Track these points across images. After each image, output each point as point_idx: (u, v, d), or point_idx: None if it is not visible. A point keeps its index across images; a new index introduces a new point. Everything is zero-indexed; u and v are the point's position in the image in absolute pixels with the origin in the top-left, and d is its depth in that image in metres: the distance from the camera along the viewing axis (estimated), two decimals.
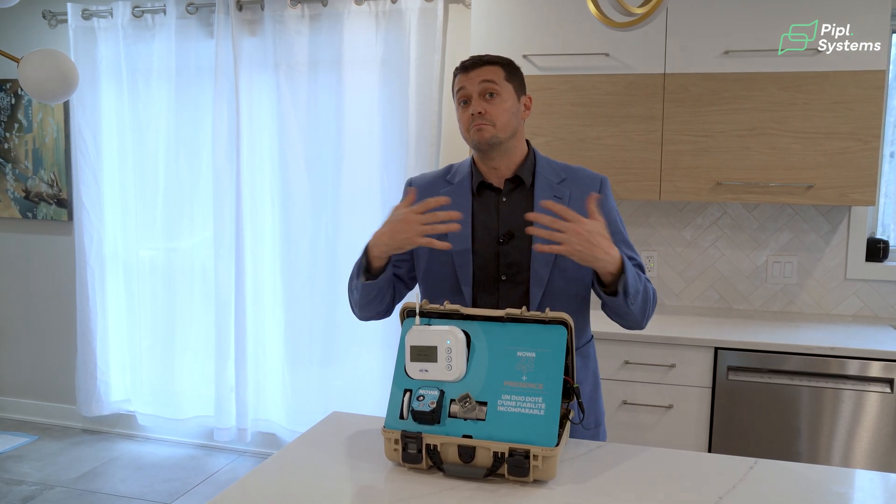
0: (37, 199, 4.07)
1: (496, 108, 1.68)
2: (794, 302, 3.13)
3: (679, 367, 2.68)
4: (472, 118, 1.68)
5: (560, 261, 1.69)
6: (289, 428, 3.71)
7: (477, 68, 1.70)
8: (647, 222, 3.24)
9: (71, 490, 3.39)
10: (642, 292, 1.64)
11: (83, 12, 3.76)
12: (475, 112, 1.68)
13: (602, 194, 1.75)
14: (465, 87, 1.70)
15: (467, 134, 1.72)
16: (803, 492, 1.40)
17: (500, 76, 1.70)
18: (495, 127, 1.68)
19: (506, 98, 1.70)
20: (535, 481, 1.40)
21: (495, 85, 1.69)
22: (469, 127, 1.70)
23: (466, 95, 1.70)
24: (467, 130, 1.71)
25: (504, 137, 1.70)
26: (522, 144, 1.78)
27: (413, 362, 1.48)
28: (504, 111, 1.69)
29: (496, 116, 1.68)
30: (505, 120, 1.69)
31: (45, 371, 4.22)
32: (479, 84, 1.69)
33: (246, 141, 3.62)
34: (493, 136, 1.68)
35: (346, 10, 3.41)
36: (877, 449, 2.54)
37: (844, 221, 3.05)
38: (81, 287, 3.92)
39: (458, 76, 1.73)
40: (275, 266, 3.70)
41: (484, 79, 1.69)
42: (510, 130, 1.71)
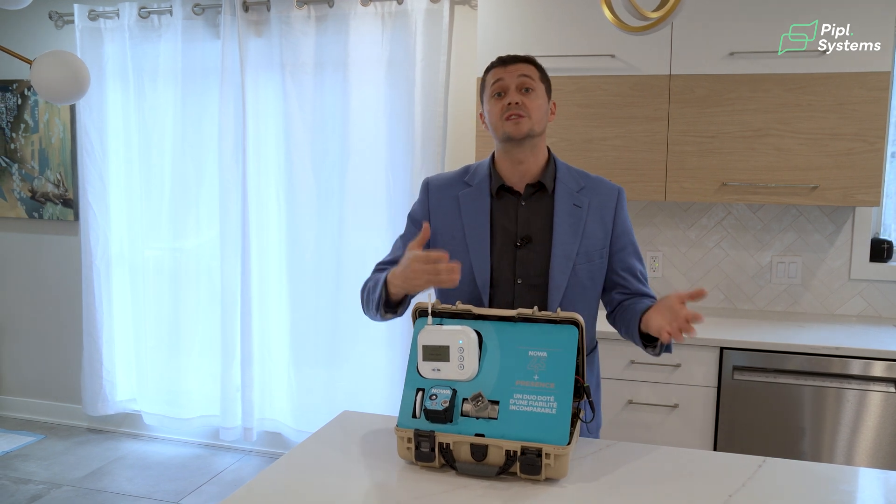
0: (43, 200, 4.08)
1: (532, 101, 1.70)
2: (799, 302, 3.14)
3: (685, 366, 2.70)
4: (507, 108, 1.68)
5: (577, 268, 1.72)
6: (294, 427, 3.73)
7: (515, 63, 1.73)
8: (652, 222, 3.25)
9: (78, 489, 3.41)
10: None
11: (90, 13, 3.77)
12: (512, 102, 1.68)
13: (619, 205, 1.79)
14: (504, 78, 1.71)
15: (500, 124, 1.71)
16: (811, 490, 1.41)
17: (535, 74, 1.73)
18: (531, 119, 1.69)
19: (539, 95, 1.73)
20: (547, 479, 1.41)
21: (532, 81, 1.71)
22: (502, 117, 1.70)
23: (504, 87, 1.71)
24: (500, 121, 1.70)
25: (538, 131, 1.72)
26: (545, 146, 1.80)
27: (425, 361, 1.49)
28: (539, 106, 1.72)
29: (532, 109, 1.70)
30: (540, 115, 1.72)
31: (50, 370, 4.24)
32: (518, 77, 1.70)
33: (252, 141, 3.63)
34: (530, 129, 1.69)
35: (353, 11, 3.42)
36: (881, 448, 2.56)
37: (849, 222, 3.07)
38: (87, 287, 3.93)
39: (494, 69, 1.74)
40: (280, 266, 3.71)
41: (522, 73, 1.71)
42: (542, 126, 1.74)
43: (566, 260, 1.70)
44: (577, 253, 1.71)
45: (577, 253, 1.71)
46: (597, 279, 1.76)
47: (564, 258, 1.70)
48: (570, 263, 1.70)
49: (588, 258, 1.73)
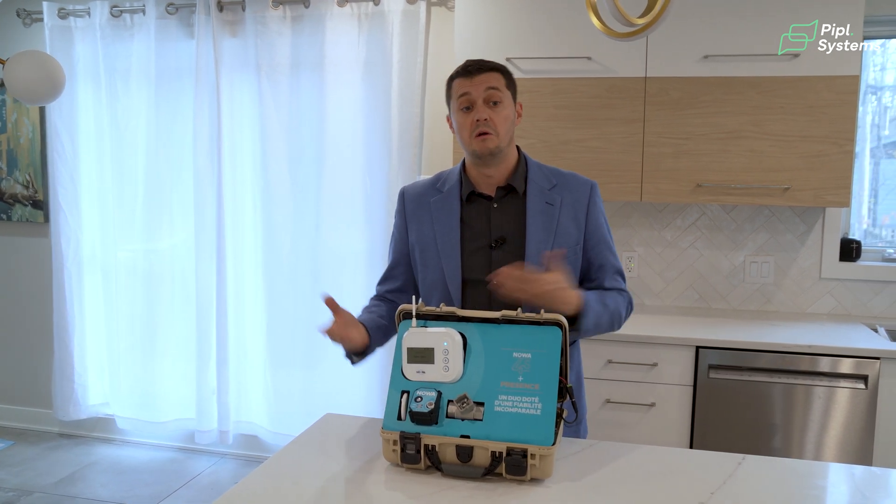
0: (11, 201, 4.01)
1: (499, 115, 1.69)
2: (771, 301, 3.20)
3: (661, 365, 2.73)
4: (476, 125, 1.68)
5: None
6: (271, 430, 3.70)
7: (482, 73, 1.69)
8: (628, 223, 3.29)
9: (50, 495, 3.35)
10: (607, 320, 1.71)
11: (59, 11, 3.71)
12: (481, 118, 1.67)
13: (592, 200, 1.79)
14: (470, 92, 1.69)
15: (469, 141, 1.70)
16: (788, 485, 1.44)
17: (501, 83, 1.71)
18: (498, 136, 1.69)
19: (506, 105, 1.71)
20: (533, 480, 1.42)
21: (499, 92, 1.70)
22: (471, 134, 1.69)
23: (471, 101, 1.69)
24: (469, 137, 1.70)
25: (504, 146, 1.72)
26: (514, 150, 1.80)
27: (410, 364, 1.49)
28: (504, 119, 1.71)
29: (498, 124, 1.69)
30: (505, 128, 1.71)
31: (20, 375, 4.16)
32: (485, 91, 1.68)
33: (227, 142, 3.60)
34: (496, 146, 1.70)
35: (329, 12, 3.41)
36: (849, 442, 2.62)
37: (819, 222, 3.13)
38: (58, 289, 3.87)
39: (460, 80, 1.71)
40: (256, 267, 3.68)
41: (489, 85, 1.69)
42: (509, 137, 1.74)
43: (541, 259, 1.71)
44: (551, 251, 1.72)
45: (551, 251, 1.72)
46: (573, 275, 1.77)
47: (539, 257, 1.71)
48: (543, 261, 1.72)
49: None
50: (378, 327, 1.75)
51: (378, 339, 1.75)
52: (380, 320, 1.78)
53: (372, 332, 1.71)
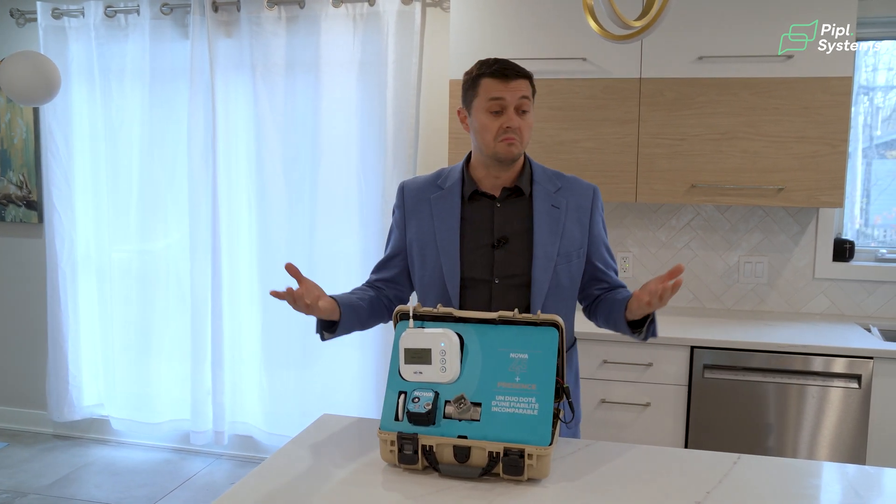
0: (5, 202, 3.99)
1: (526, 124, 1.72)
2: (765, 301, 3.21)
3: (656, 365, 2.74)
4: (505, 131, 1.69)
5: (557, 268, 1.75)
6: (266, 430, 3.70)
7: (517, 80, 1.70)
8: (623, 224, 3.30)
9: (45, 497, 3.34)
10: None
11: (53, 11, 3.70)
12: (512, 125, 1.69)
13: (595, 205, 1.83)
14: (505, 98, 1.68)
15: (493, 144, 1.71)
16: (783, 484, 1.45)
17: (530, 92, 1.73)
18: (521, 143, 1.72)
19: (531, 114, 1.75)
20: (530, 480, 1.43)
21: (529, 101, 1.72)
22: (497, 137, 1.70)
23: (503, 106, 1.69)
24: (494, 141, 1.70)
25: (523, 151, 1.76)
26: None
27: (407, 364, 1.50)
28: (529, 127, 1.74)
29: (524, 132, 1.72)
30: (528, 136, 1.74)
31: (14, 376, 4.14)
32: (519, 98, 1.70)
33: (222, 142, 3.60)
34: (519, 153, 1.73)
35: (324, 13, 3.41)
36: (842, 441, 2.63)
37: (812, 223, 3.15)
38: (52, 290, 3.86)
39: (493, 82, 1.69)
40: (251, 267, 3.68)
41: (523, 94, 1.70)
42: (527, 145, 1.77)
43: (547, 260, 1.73)
44: (557, 253, 1.74)
45: (557, 253, 1.74)
46: (575, 278, 1.80)
47: (546, 258, 1.73)
48: (551, 264, 1.73)
49: (567, 259, 1.76)
50: (352, 305, 1.73)
51: (350, 316, 1.72)
52: (358, 301, 1.76)
53: (343, 307, 1.69)
